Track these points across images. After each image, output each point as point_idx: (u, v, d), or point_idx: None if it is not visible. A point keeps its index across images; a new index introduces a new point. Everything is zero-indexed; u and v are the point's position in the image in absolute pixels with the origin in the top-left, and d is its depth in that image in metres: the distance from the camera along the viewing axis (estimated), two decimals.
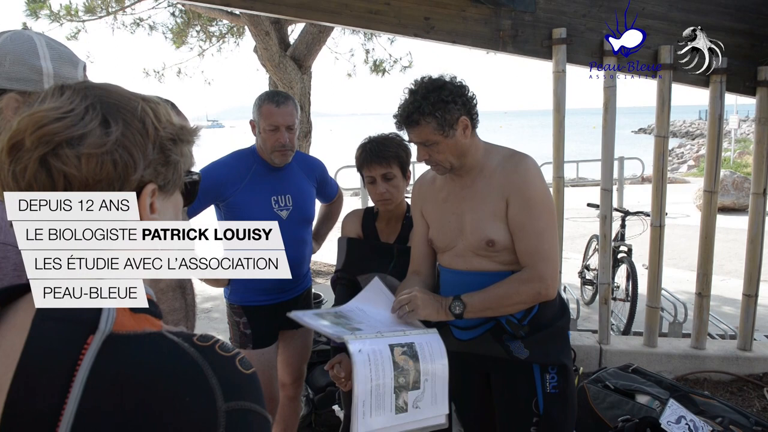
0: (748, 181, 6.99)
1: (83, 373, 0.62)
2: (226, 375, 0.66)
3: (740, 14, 3.63)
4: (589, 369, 3.64)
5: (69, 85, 0.73)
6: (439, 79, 1.81)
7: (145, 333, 0.68)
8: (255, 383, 0.69)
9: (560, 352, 1.94)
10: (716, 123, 3.66)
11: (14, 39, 1.22)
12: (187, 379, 0.64)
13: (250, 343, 2.53)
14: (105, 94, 0.73)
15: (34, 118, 0.68)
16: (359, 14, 3.46)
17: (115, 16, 7.88)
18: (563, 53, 3.55)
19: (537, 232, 1.80)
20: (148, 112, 0.74)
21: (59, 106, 0.69)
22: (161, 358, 0.65)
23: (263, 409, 0.69)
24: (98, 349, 0.64)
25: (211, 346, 0.68)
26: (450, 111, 1.77)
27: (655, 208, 3.75)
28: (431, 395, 1.66)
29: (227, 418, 0.64)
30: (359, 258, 2.34)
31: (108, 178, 0.69)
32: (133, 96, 0.75)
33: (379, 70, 8.48)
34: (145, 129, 0.73)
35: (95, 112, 0.70)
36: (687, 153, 26.18)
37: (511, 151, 1.93)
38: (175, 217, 0.82)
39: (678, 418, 2.63)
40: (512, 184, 1.82)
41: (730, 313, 4.95)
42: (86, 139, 0.68)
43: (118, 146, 0.70)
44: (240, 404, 0.65)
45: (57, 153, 0.67)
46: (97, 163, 0.68)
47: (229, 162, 2.47)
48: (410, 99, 1.78)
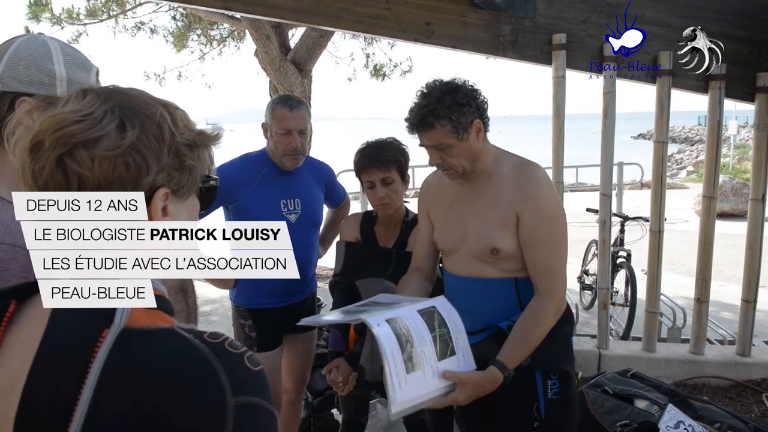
0: (747, 186, 7.02)
1: (98, 365, 0.64)
2: (235, 371, 0.68)
3: (739, 21, 3.65)
4: (588, 374, 3.64)
5: (92, 89, 0.75)
6: (453, 82, 1.79)
7: (158, 328, 0.69)
8: (262, 379, 0.71)
9: (562, 359, 1.93)
10: (715, 129, 3.68)
11: (29, 43, 1.24)
12: (198, 373, 0.66)
13: (254, 346, 2.53)
14: (126, 98, 0.75)
15: (55, 119, 0.70)
16: (360, 19, 3.47)
17: (116, 20, 7.90)
18: (563, 59, 3.56)
19: (550, 245, 1.80)
20: (165, 118, 0.76)
21: (80, 109, 0.71)
22: (174, 353, 0.67)
23: (270, 404, 0.70)
24: (113, 343, 0.65)
25: (221, 343, 0.70)
26: (464, 114, 1.75)
27: (654, 214, 3.75)
28: (463, 357, 1.66)
29: (236, 412, 0.65)
30: (357, 262, 2.34)
31: (120, 180, 0.71)
32: (153, 101, 0.77)
33: (380, 74, 8.50)
34: (162, 134, 0.75)
35: (113, 115, 0.72)
36: (686, 159, 26.22)
37: (522, 160, 1.91)
38: (190, 221, 0.83)
39: (677, 423, 2.64)
40: (525, 196, 1.80)
41: (728, 319, 4.95)
42: (101, 142, 0.70)
43: (132, 149, 0.72)
44: (248, 399, 0.67)
45: (73, 154, 0.69)
46: (109, 165, 0.70)
47: (239, 164, 2.49)
48: (424, 102, 1.76)
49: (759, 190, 3.71)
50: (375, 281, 2.29)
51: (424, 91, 1.79)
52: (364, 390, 2.41)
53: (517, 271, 1.86)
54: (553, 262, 1.80)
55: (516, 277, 1.87)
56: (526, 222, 1.79)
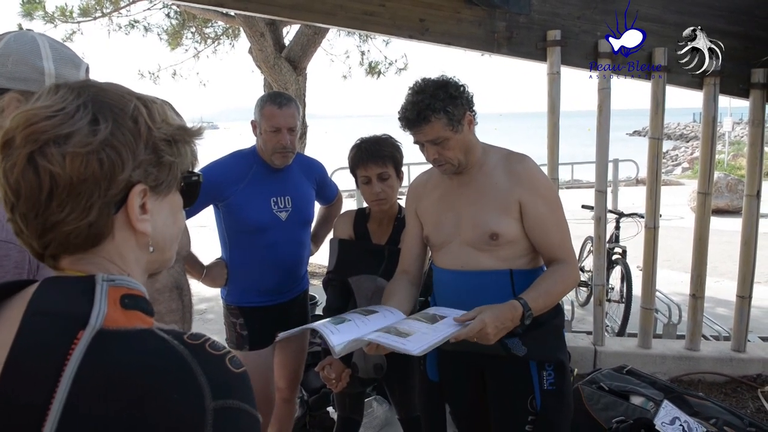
0: (742, 183, 7.05)
1: (72, 367, 0.62)
2: (216, 373, 0.66)
3: (733, 16, 3.64)
4: (583, 370, 3.64)
5: (65, 84, 0.73)
6: (442, 78, 1.85)
7: (135, 330, 0.67)
8: (245, 382, 0.69)
9: (557, 349, 1.96)
10: (710, 125, 3.68)
11: (18, 39, 1.23)
12: (176, 376, 0.63)
13: (246, 345, 2.52)
14: (100, 92, 0.72)
15: (26, 115, 0.68)
16: (354, 15, 3.46)
17: (110, 18, 7.86)
18: (558, 55, 3.55)
19: (559, 224, 1.90)
20: (141, 111, 0.73)
21: (51, 104, 0.69)
22: (151, 355, 0.65)
23: (253, 408, 0.68)
24: (88, 345, 0.63)
25: (202, 344, 0.67)
26: (457, 106, 1.81)
27: (650, 210, 3.75)
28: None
29: (215, 416, 0.63)
30: (350, 259, 2.34)
31: (94, 177, 0.69)
32: (128, 94, 0.75)
33: (375, 72, 8.49)
34: (137, 128, 0.72)
35: (86, 110, 0.69)
36: (681, 155, 26.29)
37: (507, 150, 1.99)
38: (172, 218, 0.81)
39: (672, 419, 2.64)
40: (523, 182, 1.86)
41: (724, 315, 4.96)
42: (72, 138, 0.68)
43: (106, 145, 0.69)
44: (228, 403, 0.65)
45: (43, 151, 0.67)
46: (81, 162, 0.68)
47: (228, 162, 2.47)
48: (418, 98, 1.80)
49: (754, 186, 3.71)
50: (367, 278, 2.28)
51: (416, 89, 1.83)
52: (358, 387, 2.41)
53: (514, 260, 1.88)
54: (565, 237, 1.90)
55: (511, 269, 1.88)
56: (531, 206, 1.85)
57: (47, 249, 0.72)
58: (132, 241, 0.76)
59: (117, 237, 0.74)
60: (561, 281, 1.83)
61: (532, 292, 1.77)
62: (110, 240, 0.74)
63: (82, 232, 0.71)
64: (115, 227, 0.73)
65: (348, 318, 1.73)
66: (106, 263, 0.74)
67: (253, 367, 2.51)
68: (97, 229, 0.72)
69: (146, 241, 0.77)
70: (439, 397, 2.16)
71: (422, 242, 2.08)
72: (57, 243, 0.71)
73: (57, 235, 0.70)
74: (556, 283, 1.82)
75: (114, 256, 0.75)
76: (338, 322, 1.70)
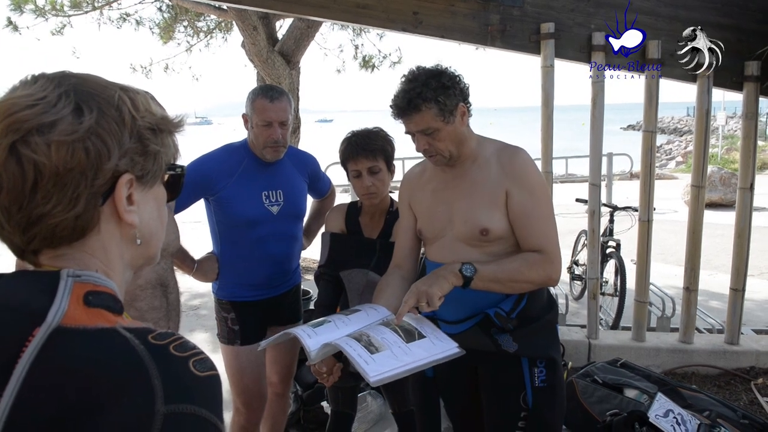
0: (736, 176, 7.05)
1: (23, 364, 0.60)
2: (173, 376, 0.62)
3: (727, 9, 3.64)
4: (577, 363, 3.65)
5: (43, 74, 0.71)
6: (436, 68, 1.82)
7: (95, 328, 0.64)
8: (207, 387, 0.64)
9: (549, 346, 1.93)
10: (704, 118, 3.68)
11: None
12: (129, 378, 0.60)
13: (237, 339, 2.50)
14: (80, 82, 0.71)
15: (5, 105, 0.66)
16: (347, 9, 3.44)
17: (101, 11, 7.79)
18: (551, 48, 3.54)
19: (543, 217, 1.83)
20: (125, 101, 0.72)
21: (31, 93, 0.67)
22: (106, 355, 0.62)
23: (212, 414, 0.63)
24: (43, 342, 0.61)
25: (165, 345, 0.64)
26: (450, 97, 1.77)
27: (644, 204, 3.76)
28: (436, 338, 1.64)
29: (164, 421, 0.59)
30: (342, 253, 2.33)
31: (80, 166, 0.67)
32: (110, 85, 0.74)
33: (369, 66, 8.45)
34: (122, 117, 0.71)
35: (68, 99, 0.68)
36: (675, 149, 26.39)
37: (503, 143, 1.95)
38: (157, 210, 0.80)
39: (666, 412, 2.64)
40: (512, 173, 1.83)
41: (717, 308, 4.98)
42: (57, 127, 0.66)
43: (91, 134, 0.68)
44: (182, 407, 0.61)
45: (27, 140, 0.65)
46: (67, 150, 0.66)
47: (219, 156, 2.44)
48: (410, 86, 1.77)
49: (747, 179, 3.72)
50: (359, 272, 2.27)
51: (409, 77, 1.80)
52: (350, 381, 2.40)
53: (505, 255, 1.85)
54: (549, 233, 1.83)
55: None
56: (515, 197, 1.81)
57: (30, 244, 0.70)
58: (117, 234, 0.74)
59: (103, 230, 0.72)
60: (525, 263, 1.77)
61: (486, 260, 1.77)
62: (95, 233, 0.72)
63: (68, 225, 0.69)
64: (101, 219, 0.72)
65: (329, 320, 1.70)
66: (88, 258, 0.72)
67: (245, 362, 2.50)
68: (84, 222, 0.70)
69: (133, 234, 0.76)
70: (434, 392, 2.16)
71: (415, 235, 2.06)
72: (41, 237, 0.69)
73: (42, 228, 0.68)
74: (517, 261, 1.77)
75: (97, 250, 0.73)
76: (318, 324, 1.67)
